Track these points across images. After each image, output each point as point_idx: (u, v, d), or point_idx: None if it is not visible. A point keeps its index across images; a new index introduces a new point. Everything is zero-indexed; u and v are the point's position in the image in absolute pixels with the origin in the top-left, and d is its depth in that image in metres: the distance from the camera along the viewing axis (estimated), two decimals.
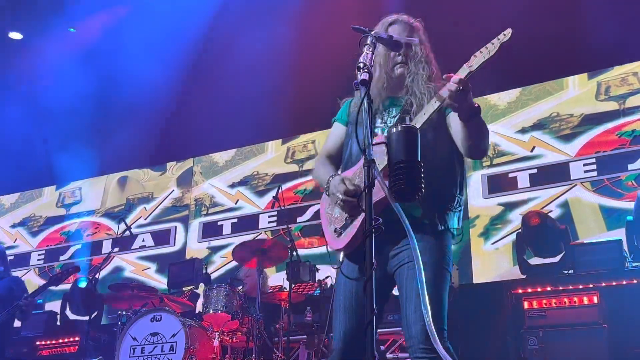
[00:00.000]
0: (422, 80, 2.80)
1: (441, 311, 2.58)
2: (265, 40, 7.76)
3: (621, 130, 6.81)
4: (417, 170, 2.21)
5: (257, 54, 7.94)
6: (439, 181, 2.65)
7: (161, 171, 9.61)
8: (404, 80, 2.84)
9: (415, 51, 2.85)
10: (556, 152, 7.05)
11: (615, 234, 6.23)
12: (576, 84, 7.25)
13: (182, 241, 8.96)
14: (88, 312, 6.92)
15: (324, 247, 2.80)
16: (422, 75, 2.81)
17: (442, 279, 2.64)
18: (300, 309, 6.18)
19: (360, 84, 2.20)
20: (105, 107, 8.83)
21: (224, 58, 8.16)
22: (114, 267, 9.15)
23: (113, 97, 8.60)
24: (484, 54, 2.50)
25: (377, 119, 2.85)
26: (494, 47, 2.48)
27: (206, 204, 9.03)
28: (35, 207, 10.37)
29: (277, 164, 8.76)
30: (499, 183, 7.20)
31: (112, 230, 9.46)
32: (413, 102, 2.77)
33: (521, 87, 7.40)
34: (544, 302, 5.16)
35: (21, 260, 9.84)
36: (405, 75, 2.83)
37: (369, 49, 2.40)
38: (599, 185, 6.74)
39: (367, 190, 2.06)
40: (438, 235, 2.67)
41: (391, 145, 2.25)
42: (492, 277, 6.82)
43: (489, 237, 7.05)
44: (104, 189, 9.92)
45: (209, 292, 5.70)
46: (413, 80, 2.81)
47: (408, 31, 2.87)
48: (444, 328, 2.56)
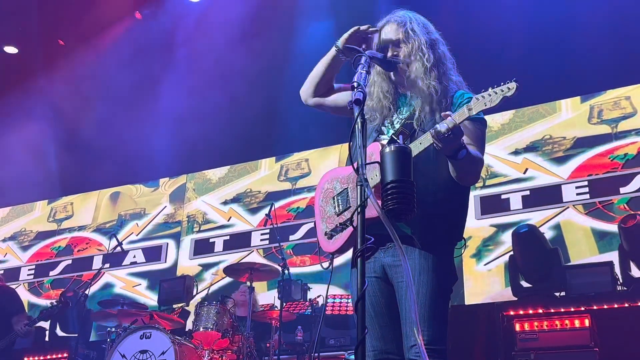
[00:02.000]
0: (418, 79, 2.71)
1: (441, 329, 2.57)
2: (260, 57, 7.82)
3: (613, 154, 6.85)
4: (409, 190, 2.21)
5: (253, 69, 7.98)
6: (440, 196, 2.62)
7: (154, 187, 9.58)
8: (405, 81, 2.76)
9: (409, 49, 2.74)
10: (549, 175, 7.07)
11: (607, 257, 6.24)
12: (569, 107, 7.29)
13: (173, 258, 8.91)
14: (77, 328, 6.88)
15: (315, 265, 2.79)
16: (417, 74, 2.71)
17: (440, 297, 2.61)
18: (291, 328, 6.15)
19: (354, 104, 2.19)
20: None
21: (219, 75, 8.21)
22: (104, 283, 9.09)
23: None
24: (485, 101, 2.36)
25: (386, 119, 2.81)
26: (497, 97, 2.35)
27: (198, 221, 9.00)
28: (26, 221, 10.32)
29: (270, 182, 8.76)
30: (491, 204, 7.21)
31: (104, 246, 9.41)
32: (416, 107, 2.71)
33: (514, 110, 7.44)
34: (536, 325, 5.15)
35: (11, 275, 9.76)
36: (404, 74, 2.75)
37: (363, 68, 2.40)
38: (591, 208, 6.76)
39: (359, 210, 2.06)
40: (438, 252, 2.64)
41: (384, 165, 2.25)
42: (483, 299, 6.81)
43: (481, 258, 7.05)
44: (95, 204, 9.88)
45: (200, 309, 5.67)
46: (410, 80, 2.73)
47: (394, 31, 2.77)
48: (444, 348, 2.55)
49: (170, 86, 8.54)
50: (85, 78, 8.76)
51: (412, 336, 2.49)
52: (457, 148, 2.42)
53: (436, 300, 2.57)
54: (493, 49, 6.57)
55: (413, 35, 2.75)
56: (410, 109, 2.76)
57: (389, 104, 2.80)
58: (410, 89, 2.78)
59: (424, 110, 2.69)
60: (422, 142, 2.48)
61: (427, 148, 2.45)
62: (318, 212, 2.80)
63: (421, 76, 2.70)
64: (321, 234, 2.75)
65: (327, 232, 2.68)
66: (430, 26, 2.85)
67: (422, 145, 2.48)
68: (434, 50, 2.75)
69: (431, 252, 2.61)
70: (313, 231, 8.67)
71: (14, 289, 6.99)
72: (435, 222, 2.61)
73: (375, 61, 2.67)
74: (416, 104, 2.73)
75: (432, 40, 2.78)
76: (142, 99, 8.74)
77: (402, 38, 2.76)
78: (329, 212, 2.72)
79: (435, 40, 2.79)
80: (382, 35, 2.79)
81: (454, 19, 6.74)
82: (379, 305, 2.68)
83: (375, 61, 2.68)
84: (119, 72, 8.42)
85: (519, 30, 6.69)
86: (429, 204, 2.52)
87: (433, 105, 2.68)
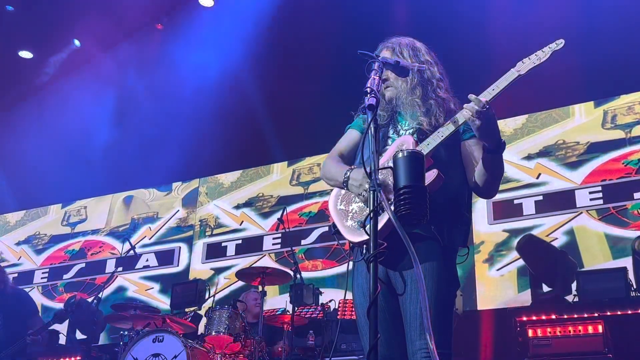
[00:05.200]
0: (425, 91, 2.80)
1: (445, 334, 2.57)
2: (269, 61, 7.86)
3: (627, 159, 6.81)
4: (422, 195, 2.21)
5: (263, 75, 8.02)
6: (449, 199, 2.65)
7: (167, 191, 9.62)
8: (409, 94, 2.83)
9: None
10: (562, 180, 7.04)
11: (621, 262, 6.20)
12: (582, 111, 7.26)
13: (185, 262, 8.94)
14: (90, 331, 6.91)
15: (327, 270, 2.79)
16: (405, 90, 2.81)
17: (446, 300, 2.62)
18: (303, 333, 6.15)
19: (367, 109, 2.21)
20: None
21: (230, 79, 8.25)
22: (117, 286, 9.14)
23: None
24: (533, 60, 2.47)
25: (390, 129, 2.85)
26: (544, 55, 2.46)
27: (211, 225, 9.03)
28: (40, 225, 10.39)
29: (282, 186, 8.77)
30: (504, 209, 7.18)
31: (117, 250, 9.45)
32: (421, 120, 2.77)
33: (527, 114, 7.42)
34: (549, 331, 5.13)
35: (25, 278, 9.83)
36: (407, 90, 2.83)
37: (376, 73, 2.41)
38: (604, 213, 6.71)
39: (371, 216, 2.06)
40: (444, 254, 2.65)
41: (396, 171, 2.25)
42: (496, 304, 6.77)
43: (493, 263, 7.02)
44: (109, 208, 9.93)
45: (212, 313, 5.68)
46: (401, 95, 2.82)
47: (390, 55, 2.85)
48: (449, 352, 2.55)
49: (182, 90, 8.60)
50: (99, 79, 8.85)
51: (417, 341, 2.50)
52: (498, 132, 2.48)
53: (440, 305, 2.58)
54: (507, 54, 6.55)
55: (418, 52, 2.89)
56: (415, 122, 2.81)
57: (385, 114, 2.85)
58: (400, 107, 2.85)
59: (430, 123, 2.75)
60: (430, 143, 2.59)
61: (438, 155, 2.46)
62: (338, 217, 2.77)
63: (429, 89, 2.82)
64: (348, 229, 2.70)
65: (359, 222, 2.63)
66: (422, 50, 2.95)
67: (429, 146, 2.58)
68: (420, 72, 2.85)
69: (435, 257, 2.62)
70: (325, 235, 8.69)
71: (27, 292, 7.03)
72: (442, 228, 2.64)
73: (388, 67, 2.68)
74: (421, 116, 2.79)
75: (431, 60, 2.91)
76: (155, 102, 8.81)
77: (410, 54, 2.86)
78: (354, 209, 2.71)
79: (432, 61, 2.92)
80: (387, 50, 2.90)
81: (468, 26, 6.76)
82: (382, 311, 2.68)
83: (389, 67, 2.69)
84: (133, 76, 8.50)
85: (532, 35, 6.67)
86: (438, 209, 2.53)
87: (437, 117, 2.76)
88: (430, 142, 2.61)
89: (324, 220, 8.10)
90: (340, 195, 2.82)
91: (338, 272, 7.61)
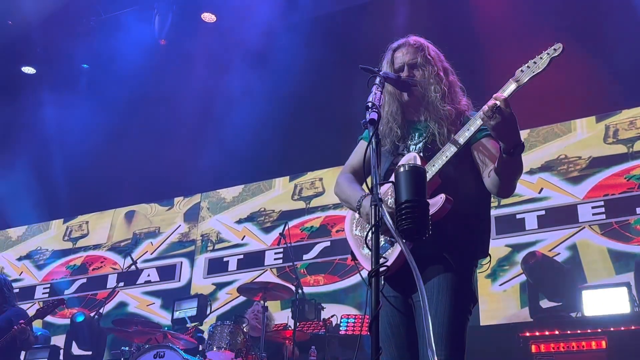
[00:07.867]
0: (436, 101, 2.76)
1: (459, 350, 2.55)
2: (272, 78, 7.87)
3: (629, 174, 6.80)
4: (423, 209, 2.20)
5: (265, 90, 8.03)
6: (463, 215, 2.61)
7: (168, 206, 9.62)
8: (419, 104, 2.82)
9: (423, 73, 2.80)
10: (564, 194, 7.03)
11: (624, 277, 6.17)
12: (584, 126, 7.26)
13: (187, 277, 8.92)
14: (92, 346, 6.88)
15: (329, 285, 2.79)
16: (435, 97, 2.77)
17: (459, 316, 2.61)
18: (305, 348, 6.12)
19: (369, 123, 2.20)
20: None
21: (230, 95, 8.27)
22: (118, 302, 9.11)
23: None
24: (532, 68, 2.41)
25: (400, 144, 2.82)
26: (543, 62, 2.39)
27: (212, 240, 9.02)
28: (42, 240, 10.38)
29: (284, 201, 8.76)
30: (506, 224, 7.16)
31: (118, 265, 9.44)
32: (433, 130, 2.74)
33: (529, 129, 7.42)
34: (552, 346, 5.10)
35: (26, 294, 9.80)
36: (418, 99, 2.81)
37: (378, 88, 2.41)
38: (607, 228, 6.70)
39: (373, 230, 2.05)
40: (459, 270, 2.63)
41: (398, 185, 2.25)
42: (499, 320, 6.74)
43: (496, 278, 7.00)
44: (110, 223, 9.93)
45: (213, 329, 5.66)
46: (427, 102, 2.78)
47: (412, 53, 2.83)
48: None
49: (185, 105, 8.61)
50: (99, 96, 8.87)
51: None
52: (518, 131, 2.41)
53: (454, 320, 2.57)
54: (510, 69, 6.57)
55: (431, 60, 2.82)
56: (426, 133, 2.78)
57: (397, 128, 2.82)
58: (425, 112, 2.81)
59: (442, 133, 2.71)
60: (435, 164, 2.60)
61: (446, 173, 2.44)
62: (354, 244, 2.78)
63: (439, 99, 2.75)
64: (365, 257, 2.70)
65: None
66: (442, 55, 2.93)
67: (435, 167, 2.58)
68: (447, 76, 2.84)
69: (451, 271, 2.61)
70: (327, 250, 8.67)
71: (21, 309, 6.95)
72: (458, 241, 2.62)
73: (389, 82, 2.68)
74: (433, 127, 2.75)
75: (445, 68, 2.87)
76: (158, 119, 8.83)
77: (419, 62, 2.81)
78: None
79: (447, 68, 2.89)
80: (398, 55, 2.85)
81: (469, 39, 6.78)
82: (396, 326, 2.66)
83: (390, 82, 2.69)
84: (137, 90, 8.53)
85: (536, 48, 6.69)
86: (451, 222, 2.52)
87: (449, 127, 2.72)
88: (435, 164, 2.59)
89: (325, 235, 8.08)
90: (355, 220, 2.82)
91: (340, 287, 7.59)
